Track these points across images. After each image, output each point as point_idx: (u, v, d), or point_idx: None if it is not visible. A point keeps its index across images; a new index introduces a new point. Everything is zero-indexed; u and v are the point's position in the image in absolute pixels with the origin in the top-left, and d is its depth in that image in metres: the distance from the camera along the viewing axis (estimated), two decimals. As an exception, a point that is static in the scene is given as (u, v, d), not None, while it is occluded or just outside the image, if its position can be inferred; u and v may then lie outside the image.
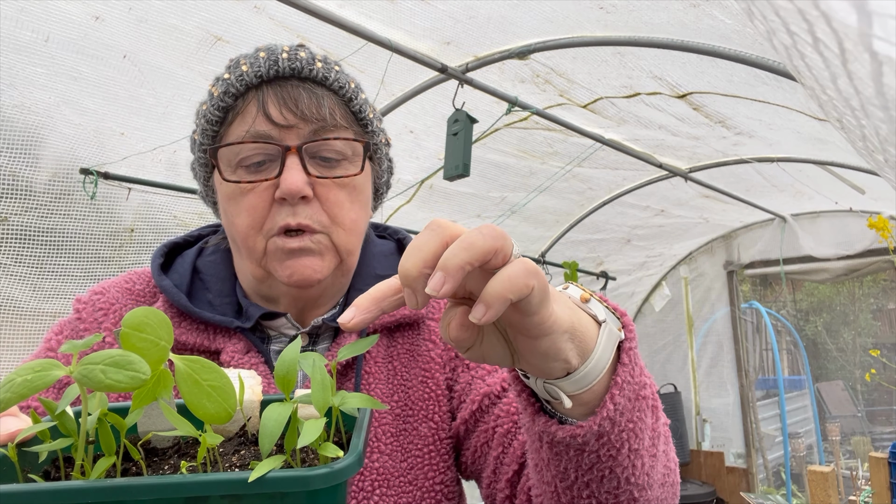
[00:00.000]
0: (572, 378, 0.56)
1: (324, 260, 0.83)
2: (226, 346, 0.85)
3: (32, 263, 2.19)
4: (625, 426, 0.59)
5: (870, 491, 3.04)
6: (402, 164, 3.20)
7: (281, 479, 0.44)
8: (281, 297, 0.88)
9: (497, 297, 0.47)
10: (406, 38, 2.40)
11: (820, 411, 7.50)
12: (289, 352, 0.52)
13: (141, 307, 0.47)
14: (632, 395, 0.59)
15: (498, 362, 0.57)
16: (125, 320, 0.46)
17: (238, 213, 0.83)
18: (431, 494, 0.85)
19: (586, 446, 0.59)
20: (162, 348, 0.46)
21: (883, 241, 3.78)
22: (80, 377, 0.43)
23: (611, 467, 0.61)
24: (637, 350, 0.61)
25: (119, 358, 0.44)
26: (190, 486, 0.44)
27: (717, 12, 2.16)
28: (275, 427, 0.47)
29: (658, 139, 3.52)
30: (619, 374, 0.58)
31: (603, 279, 5.23)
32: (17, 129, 2.07)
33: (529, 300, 0.49)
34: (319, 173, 0.82)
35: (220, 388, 0.47)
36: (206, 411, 0.47)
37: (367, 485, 0.82)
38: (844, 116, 0.72)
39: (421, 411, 0.89)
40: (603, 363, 0.57)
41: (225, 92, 0.82)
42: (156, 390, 0.47)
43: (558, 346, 0.53)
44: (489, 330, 0.56)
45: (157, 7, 1.98)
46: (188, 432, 0.48)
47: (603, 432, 0.58)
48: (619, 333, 0.60)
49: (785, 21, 0.63)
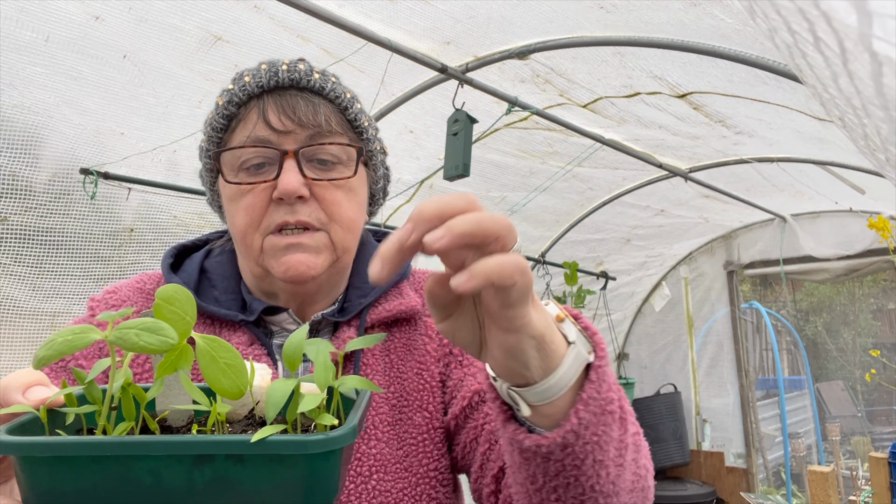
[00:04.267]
0: (534, 389, 0.60)
1: (318, 257, 0.88)
2: (231, 338, 0.90)
3: (32, 263, 2.19)
4: (589, 439, 0.62)
5: (870, 491, 3.04)
6: (402, 164, 3.20)
7: (280, 442, 0.48)
8: (280, 292, 0.93)
9: (481, 274, 0.50)
10: (406, 38, 2.40)
11: (820, 411, 7.51)
12: (297, 335, 0.57)
13: (171, 283, 0.51)
14: (597, 411, 0.62)
15: (465, 345, 0.61)
16: (158, 293, 0.51)
17: (237, 213, 0.88)
18: (426, 480, 0.90)
19: (552, 455, 0.62)
20: (186, 322, 0.51)
21: (883, 241, 3.78)
22: (116, 339, 0.49)
23: (575, 476, 0.64)
24: (607, 368, 0.64)
25: (151, 324, 0.49)
26: (198, 445, 0.49)
27: (718, 11, 2.16)
28: (279, 397, 0.52)
29: (658, 139, 3.52)
30: (586, 391, 0.61)
31: (603, 279, 5.23)
32: (17, 129, 2.07)
33: (509, 292, 0.52)
34: (315, 175, 0.87)
35: (235, 366, 0.52)
36: (221, 386, 0.51)
37: (365, 469, 0.86)
38: (846, 115, 0.72)
39: (416, 401, 0.93)
40: (566, 381, 0.60)
41: (229, 101, 0.89)
42: (177, 362, 0.52)
43: (522, 347, 0.56)
44: (467, 311, 0.59)
45: (157, 7, 1.98)
46: (202, 401, 0.53)
47: (567, 444, 0.61)
48: (588, 356, 0.63)
49: (786, 20, 0.63)
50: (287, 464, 0.49)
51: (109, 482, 0.49)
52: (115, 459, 0.48)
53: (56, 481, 0.48)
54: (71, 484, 0.48)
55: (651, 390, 5.64)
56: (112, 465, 0.48)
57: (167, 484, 0.49)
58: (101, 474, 0.48)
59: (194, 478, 0.49)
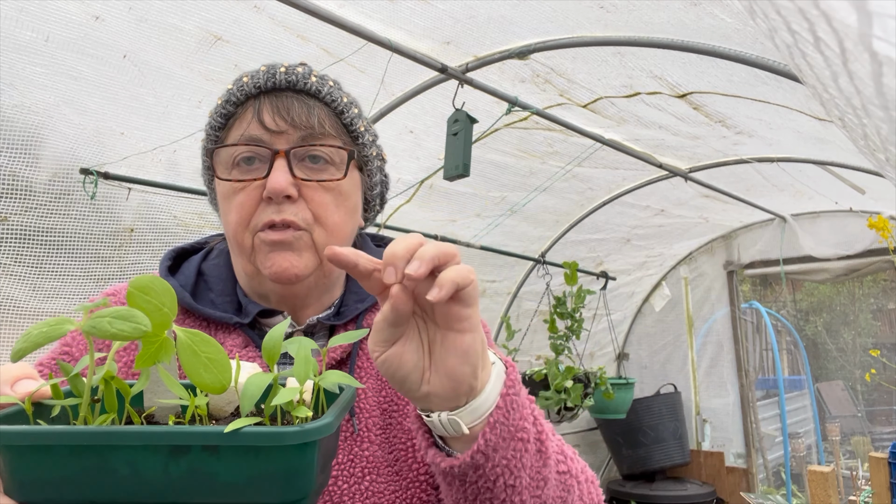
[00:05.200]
0: (470, 407, 0.67)
1: (301, 257, 0.89)
2: (225, 340, 0.91)
3: (32, 263, 2.18)
4: (498, 462, 0.68)
5: (870, 491, 3.04)
6: (402, 164, 3.20)
7: (255, 433, 0.49)
8: (270, 293, 0.94)
9: (448, 281, 0.60)
10: (406, 38, 2.40)
11: (820, 411, 7.51)
12: (276, 329, 0.58)
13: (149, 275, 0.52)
14: (506, 435, 0.68)
15: (408, 373, 0.66)
16: (132, 282, 0.52)
17: (230, 211, 0.90)
18: (416, 484, 0.91)
19: (466, 477, 0.69)
20: (164, 314, 0.51)
21: (883, 241, 3.78)
22: (89, 328, 0.49)
23: (490, 499, 0.70)
24: (517, 397, 0.70)
25: (124, 312, 0.50)
26: (173, 436, 0.49)
27: (718, 10, 2.16)
28: (255, 390, 0.52)
29: (658, 139, 3.52)
30: (493, 415, 0.67)
31: (603, 279, 5.23)
32: (17, 129, 2.06)
33: (469, 291, 0.63)
34: (305, 176, 0.88)
35: (217, 360, 0.52)
36: (203, 380, 0.52)
37: (358, 471, 0.88)
38: (846, 115, 0.72)
39: (406, 406, 0.94)
40: (491, 401, 0.68)
41: (227, 101, 0.92)
42: (157, 355, 0.52)
43: (475, 348, 0.65)
44: (413, 336, 0.66)
45: (158, 7, 1.98)
46: (182, 395, 0.53)
47: (477, 465, 0.67)
48: (503, 378, 0.70)
49: (786, 19, 0.63)
50: (263, 456, 0.50)
51: (88, 472, 0.49)
52: (92, 449, 0.49)
53: (36, 470, 0.49)
54: (50, 473, 0.49)
55: (651, 390, 5.64)
56: (90, 456, 0.49)
57: (144, 475, 0.49)
58: (79, 464, 0.49)
59: (171, 470, 0.49)
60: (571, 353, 4.40)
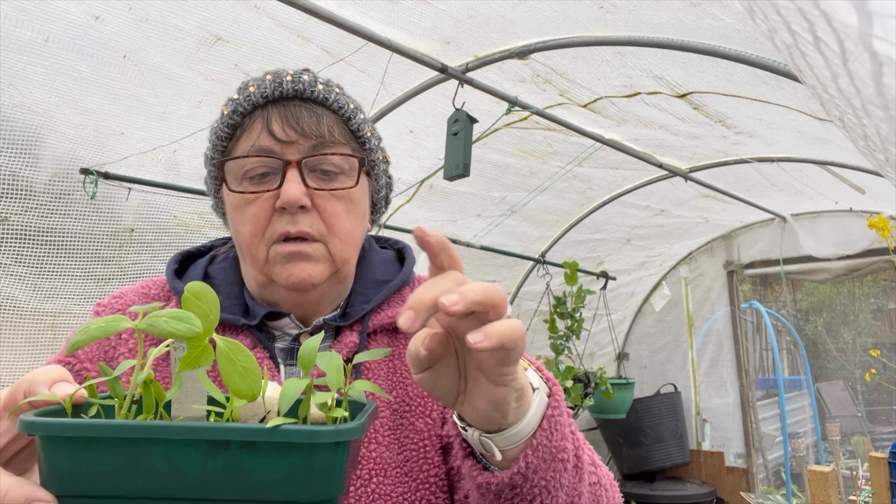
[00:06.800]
0: (504, 434, 0.66)
1: (318, 266, 0.89)
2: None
3: (32, 263, 2.18)
4: (537, 482, 0.68)
5: (870, 491, 3.04)
6: (402, 164, 3.20)
7: (292, 430, 0.51)
8: (282, 302, 0.94)
9: (497, 335, 0.56)
10: (406, 38, 2.40)
11: (820, 411, 7.50)
12: (312, 341, 0.61)
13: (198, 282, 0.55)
14: (547, 457, 0.67)
15: (442, 395, 0.66)
16: (188, 287, 0.55)
17: (242, 222, 0.90)
18: (426, 486, 0.90)
19: (502, 493, 0.68)
20: (210, 320, 0.55)
21: (883, 241, 3.78)
22: (146, 326, 0.52)
23: None
24: (560, 418, 0.70)
25: (180, 314, 0.53)
26: (214, 430, 0.52)
27: (718, 11, 2.16)
28: (294, 392, 0.56)
29: (658, 139, 3.51)
30: (537, 437, 0.67)
31: (603, 279, 5.23)
32: (17, 129, 2.06)
33: (512, 354, 0.59)
34: (317, 185, 0.88)
35: (250, 370, 0.55)
36: (237, 387, 0.55)
37: (365, 473, 0.87)
38: (846, 115, 0.72)
39: (418, 407, 0.93)
40: (532, 425, 0.67)
41: (234, 111, 0.90)
42: (199, 359, 0.55)
43: (507, 399, 0.63)
44: (449, 363, 0.65)
45: (158, 7, 1.98)
46: (219, 397, 0.57)
47: (515, 485, 0.67)
48: (547, 400, 0.69)
49: (786, 20, 0.63)
50: (297, 454, 0.52)
51: (127, 467, 0.51)
52: (133, 443, 0.51)
53: (76, 463, 0.51)
54: (90, 467, 0.51)
55: (651, 390, 5.64)
56: (130, 450, 0.51)
57: (182, 470, 0.51)
58: (119, 458, 0.51)
59: (208, 465, 0.51)
60: (571, 353, 4.41)
